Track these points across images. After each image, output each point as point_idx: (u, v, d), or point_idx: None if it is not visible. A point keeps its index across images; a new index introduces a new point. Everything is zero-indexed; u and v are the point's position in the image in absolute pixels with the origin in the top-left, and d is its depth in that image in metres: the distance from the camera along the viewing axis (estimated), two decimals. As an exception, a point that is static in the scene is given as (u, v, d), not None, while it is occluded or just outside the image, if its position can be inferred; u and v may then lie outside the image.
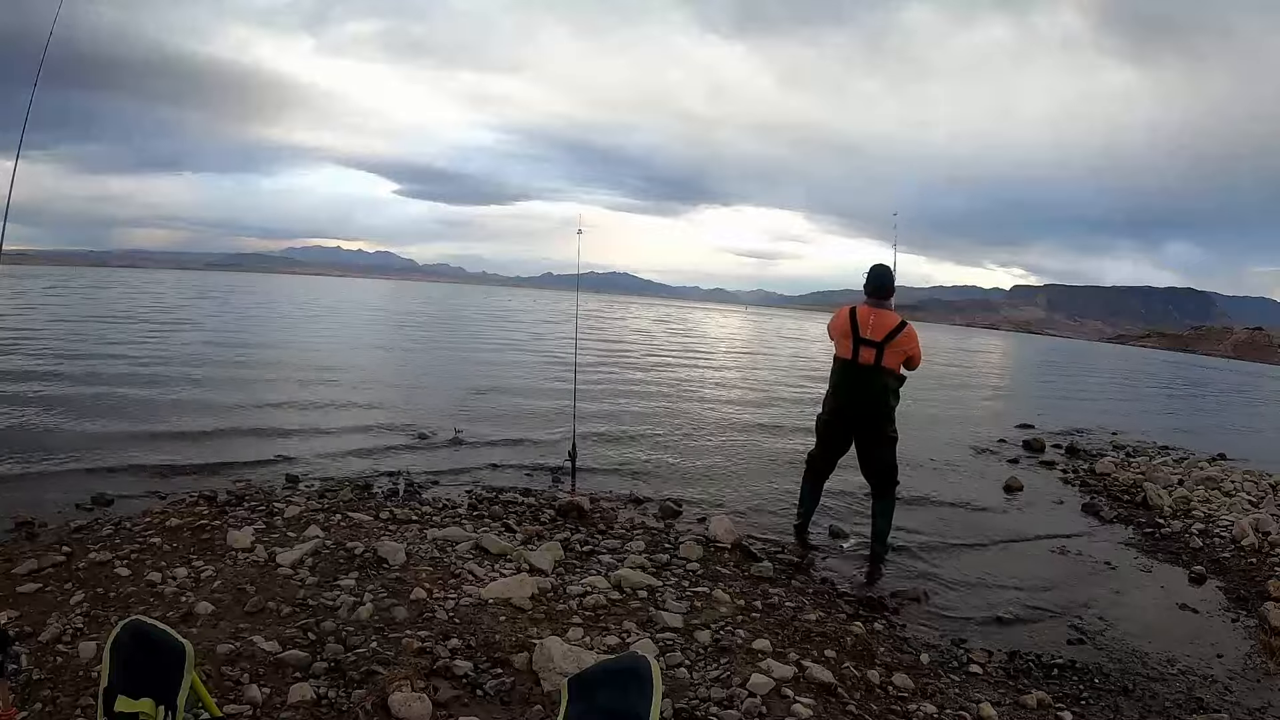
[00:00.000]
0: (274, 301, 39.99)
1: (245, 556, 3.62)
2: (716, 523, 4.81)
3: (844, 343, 4.79)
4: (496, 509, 5.02)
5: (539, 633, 2.97)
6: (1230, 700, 3.34)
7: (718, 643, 3.09)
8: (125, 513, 4.45)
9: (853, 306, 4.84)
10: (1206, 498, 6.92)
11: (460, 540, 4.07)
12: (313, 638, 2.81)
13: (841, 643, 3.30)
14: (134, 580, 3.30)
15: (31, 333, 14.84)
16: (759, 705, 2.60)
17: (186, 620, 2.90)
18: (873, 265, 4.90)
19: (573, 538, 4.40)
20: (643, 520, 5.09)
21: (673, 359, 19.77)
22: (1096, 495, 7.14)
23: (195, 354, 13.29)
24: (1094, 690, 3.31)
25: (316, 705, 2.41)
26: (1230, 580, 4.95)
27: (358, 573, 3.49)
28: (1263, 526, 5.76)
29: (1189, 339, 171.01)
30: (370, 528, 4.22)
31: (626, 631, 3.14)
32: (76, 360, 11.19)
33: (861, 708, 2.77)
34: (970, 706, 2.95)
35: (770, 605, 3.65)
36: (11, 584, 3.21)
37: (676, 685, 2.71)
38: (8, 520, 4.19)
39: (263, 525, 4.17)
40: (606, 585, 3.60)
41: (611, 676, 1.38)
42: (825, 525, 5.38)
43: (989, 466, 8.46)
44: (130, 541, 3.78)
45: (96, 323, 18.47)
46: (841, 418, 4.88)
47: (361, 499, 4.98)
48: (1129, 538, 5.86)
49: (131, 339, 15.08)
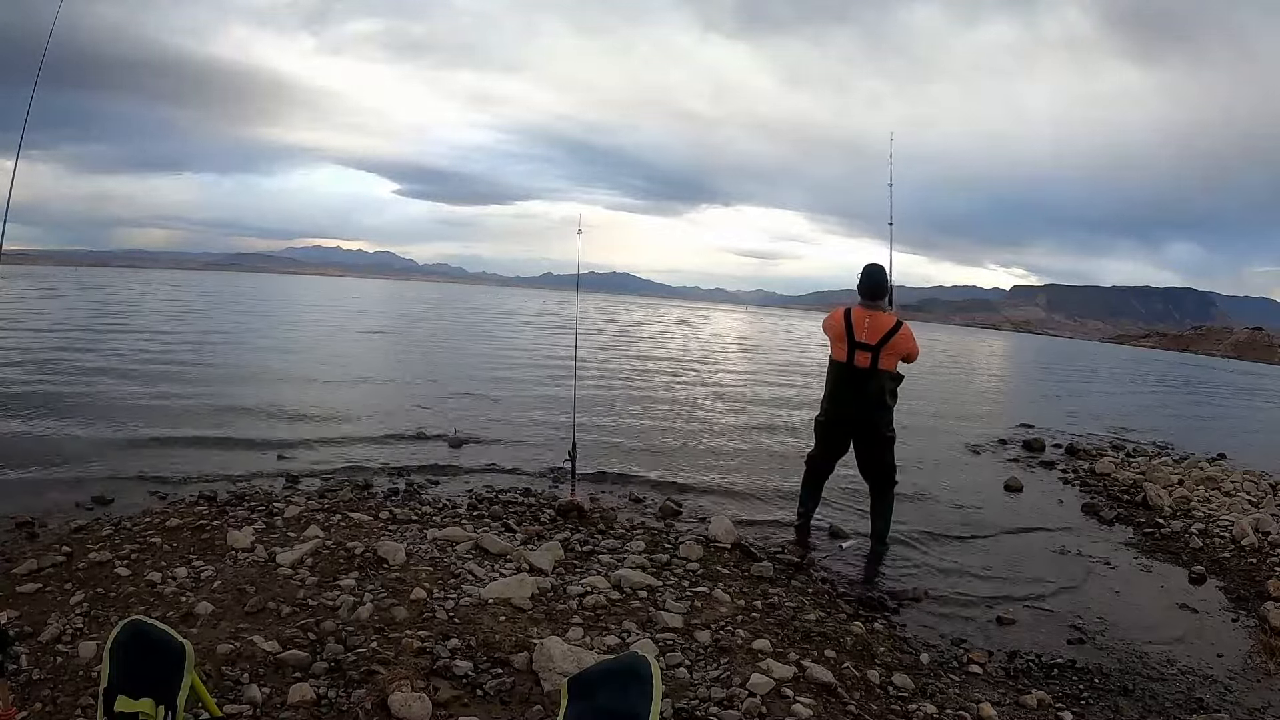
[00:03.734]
0: (274, 301, 39.98)
1: (245, 556, 3.62)
2: (716, 523, 4.81)
3: (839, 346, 4.78)
4: (496, 509, 5.02)
5: (539, 633, 2.97)
6: (1230, 700, 3.34)
7: (718, 643, 3.09)
8: (125, 513, 4.45)
9: (848, 308, 4.83)
10: (1206, 498, 6.92)
11: (460, 540, 4.07)
12: (313, 638, 2.81)
13: (841, 643, 3.30)
14: (134, 580, 3.30)
15: (32, 333, 14.85)
16: (759, 705, 2.60)
17: (186, 620, 2.90)
18: (866, 265, 4.84)
19: (573, 538, 4.40)
20: (643, 520, 5.09)
21: (673, 359, 19.77)
22: (1096, 495, 7.14)
23: (195, 354, 13.30)
24: (1094, 690, 3.31)
25: (316, 705, 2.41)
26: (1230, 580, 4.95)
27: (358, 573, 3.49)
28: (1263, 526, 5.76)
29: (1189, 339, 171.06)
30: (370, 528, 4.22)
31: (626, 631, 3.14)
32: (76, 360, 11.19)
33: (861, 708, 2.77)
34: (970, 706, 2.95)
35: (770, 605, 3.64)
36: (11, 584, 3.22)
37: (676, 685, 2.71)
38: (8, 520, 4.19)
39: (263, 525, 4.17)
40: (606, 585, 3.60)
41: (611, 676, 1.38)
42: (825, 525, 5.38)
43: (989, 466, 8.46)
44: (130, 541, 3.79)
45: (96, 323, 18.48)
46: (839, 420, 4.88)
47: (361, 499, 4.98)
48: (1129, 537, 5.86)
49: (131, 339, 15.08)
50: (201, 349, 14.23)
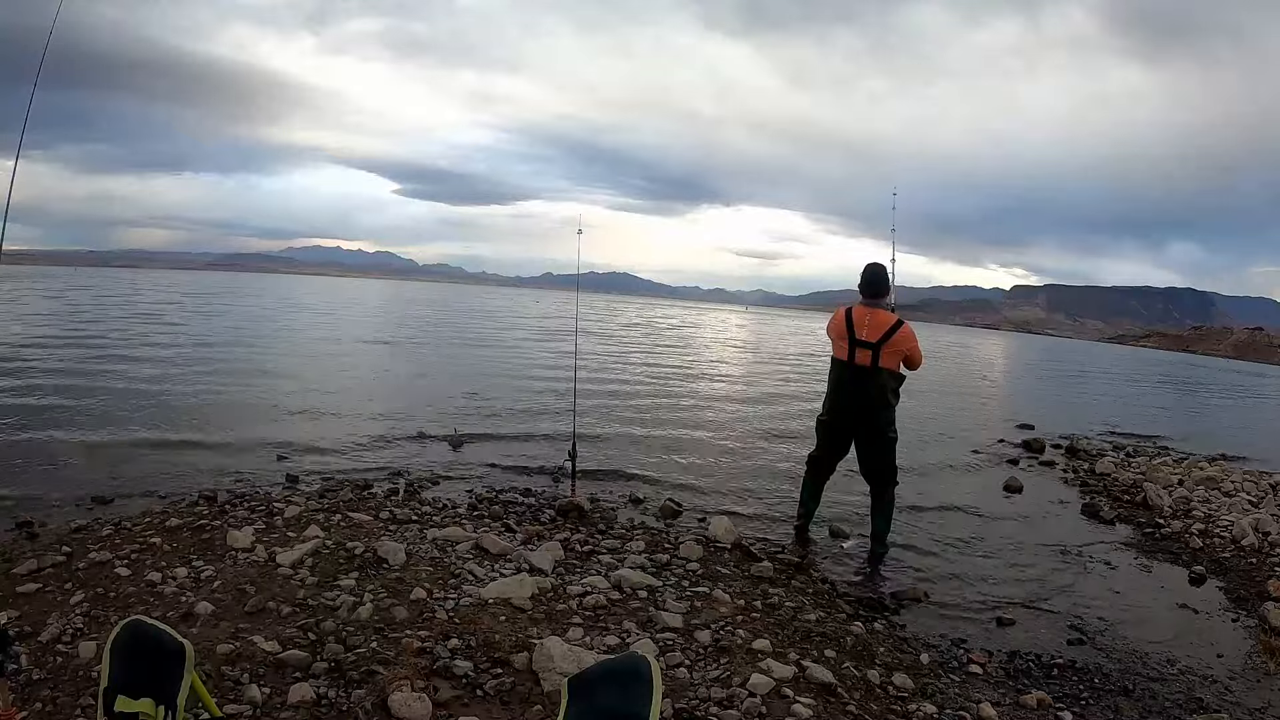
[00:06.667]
0: (274, 301, 39.97)
1: (245, 556, 3.62)
2: (716, 523, 4.81)
3: (840, 344, 4.78)
4: (496, 509, 5.03)
5: (539, 633, 2.96)
6: (1230, 700, 3.34)
7: (718, 643, 3.09)
8: (125, 513, 4.46)
9: (849, 307, 4.83)
10: (1206, 498, 6.92)
11: (460, 540, 4.07)
12: (313, 638, 2.81)
13: (841, 643, 3.30)
14: (134, 580, 3.30)
15: (31, 333, 14.84)
16: (759, 705, 2.60)
17: (186, 620, 2.90)
18: (867, 264, 4.85)
19: (573, 538, 4.40)
20: (643, 520, 5.10)
21: (674, 358, 19.76)
22: (1097, 495, 7.14)
23: (195, 354, 13.30)
24: (1094, 690, 3.31)
25: (316, 705, 2.41)
26: (1230, 580, 4.94)
27: (358, 573, 3.49)
28: (1263, 526, 5.76)
29: (1189, 339, 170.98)
30: (370, 528, 4.22)
31: (626, 631, 3.14)
32: (76, 360, 11.19)
33: (861, 708, 2.77)
34: (970, 706, 2.95)
35: (770, 605, 3.64)
36: (11, 584, 3.22)
37: (676, 685, 2.71)
38: (8, 520, 4.19)
39: (263, 525, 4.17)
40: (606, 585, 3.60)
41: (611, 676, 1.38)
42: (825, 525, 5.38)
43: (989, 467, 8.45)
44: (130, 541, 3.78)
45: (96, 323, 18.47)
46: (841, 419, 4.88)
47: (361, 499, 4.98)
48: (1129, 538, 5.86)
49: (132, 339, 15.08)
50: (201, 349, 14.22)
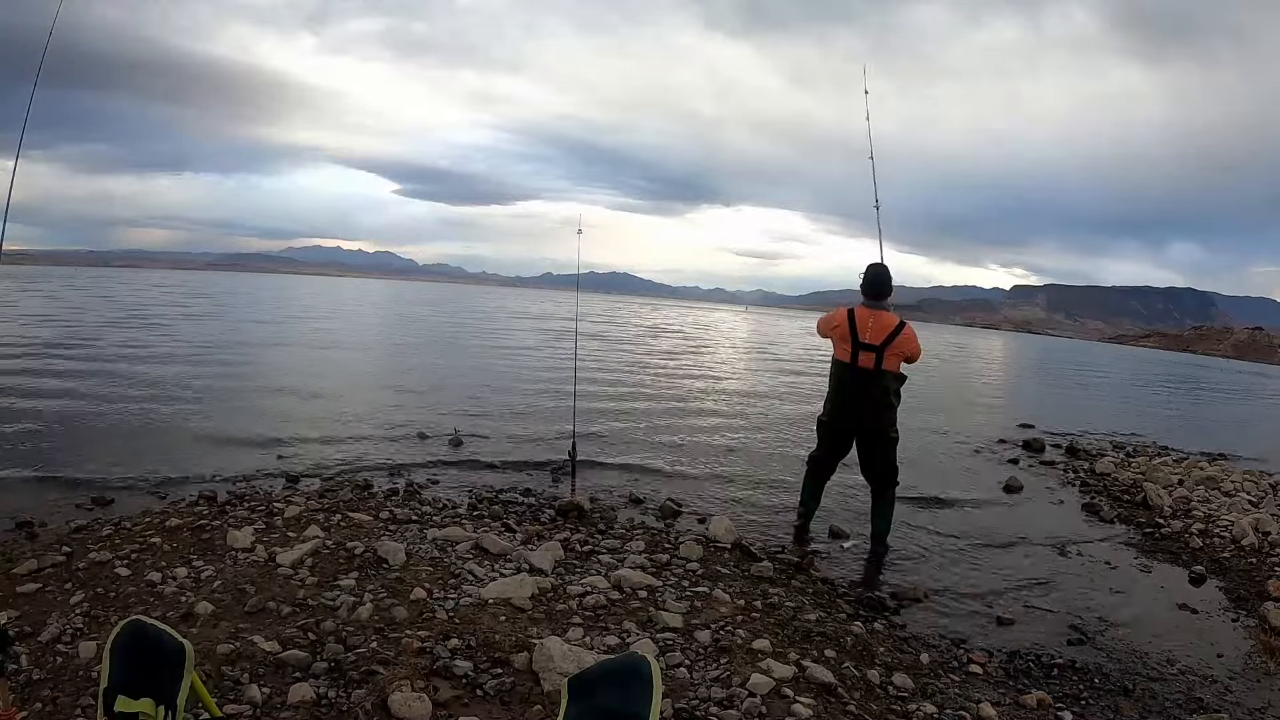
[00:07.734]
0: (274, 301, 39.97)
1: (245, 556, 3.62)
2: (716, 523, 4.81)
3: (843, 346, 4.78)
4: (496, 509, 5.03)
5: (539, 633, 2.96)
6: (1230, 700, 3.34)
7: (718, 643, 3.09)
8: (125, 513, 4.46)
9: (851, 308, 4.82)
10: (1206, 498, 6.92)
11: (460, 540, 4.07)
12: (313, 638, 2.81)
13: (841, 643, 3.30)
14: (134, 580, 3.30)
15: (31, 333, 14.84)
16: (759, 705, 2.60)
17: (186, 620, 2.90)
18: (869, 265, 4.85)
19: (573, 538, 4.40)
20: (643, 520, 5.09)
21: (674, 358, 19.77)
22: (1096, 495, 7.14)
23: (195, 354, 13.29)
24: (1094, 690, 3.31)
25: (316, 705, 2.40)
26: (1230, 580, 4.94)
27: (358, 573, 3.49)
28: (1263, 526, 5.75)
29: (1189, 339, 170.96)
30: (370, 528, 4.22)
31: (626, 631, 3.14)
32: (76, 361, 11.20)
33: (861, 708, 2.77)
34: (970, 706, 2.95)
35: (770, 605, 3.64)
36: (11, 584, 3.22)
37: (676, 685, 2.71)
38: (8, 520, 4.19)
39: (263, 525, 4.17)
40: (606, 585, 3.60)
41: (611, 676, 1.38)
42: (825, 525, 5.37)
43: (989, 466, 8.45)
44: (130, 541, 3.79)
45: (96, 324, 18.48)
46: (842, 420, 4.88)
47: (361, 499, 4.98)
48: (1129, 538, 5.86)
49: (131, 339, 15.08)
50: (201, 349, 14.22)
